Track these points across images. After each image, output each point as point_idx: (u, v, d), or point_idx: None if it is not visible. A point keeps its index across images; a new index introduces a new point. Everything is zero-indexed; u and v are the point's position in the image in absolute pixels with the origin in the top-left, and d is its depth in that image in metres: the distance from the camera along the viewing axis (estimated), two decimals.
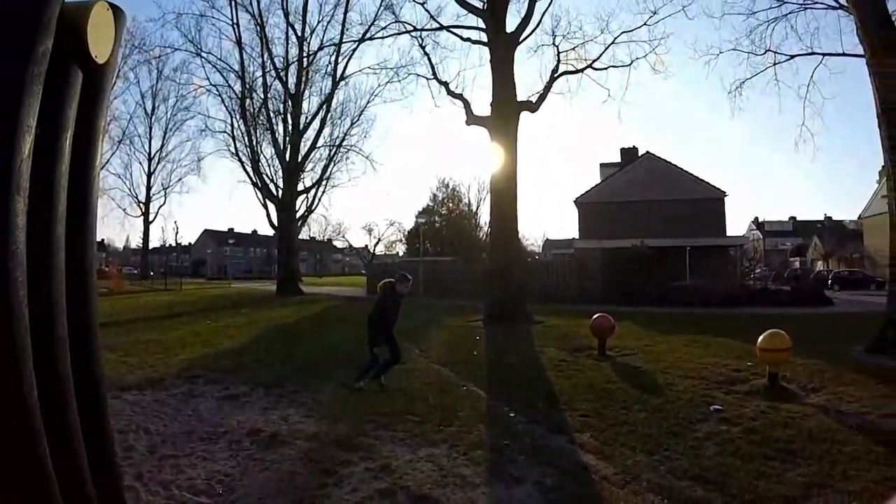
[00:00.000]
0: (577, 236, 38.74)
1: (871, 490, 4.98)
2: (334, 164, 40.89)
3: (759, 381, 8.74)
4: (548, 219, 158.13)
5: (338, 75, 36.55)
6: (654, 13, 21.42)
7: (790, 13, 23.39)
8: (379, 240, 66.65)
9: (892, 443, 6.28)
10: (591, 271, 27.36)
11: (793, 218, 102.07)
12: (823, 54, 23.32)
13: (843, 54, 22.06)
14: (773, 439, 6.31)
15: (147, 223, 66.13)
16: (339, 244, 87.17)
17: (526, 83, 71.81)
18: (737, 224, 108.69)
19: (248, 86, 37.31)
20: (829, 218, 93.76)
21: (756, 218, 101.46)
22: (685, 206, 34.32)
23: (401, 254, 53.06)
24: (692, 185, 35.79)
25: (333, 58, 36.31)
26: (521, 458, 5.69)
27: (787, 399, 8.03)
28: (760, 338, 8.56)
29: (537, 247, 78.81)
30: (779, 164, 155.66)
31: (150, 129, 61.48)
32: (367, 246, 70.84)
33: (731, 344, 11.94)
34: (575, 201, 37.91)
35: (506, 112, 17.65)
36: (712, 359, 10.75)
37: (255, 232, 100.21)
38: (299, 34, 36.78)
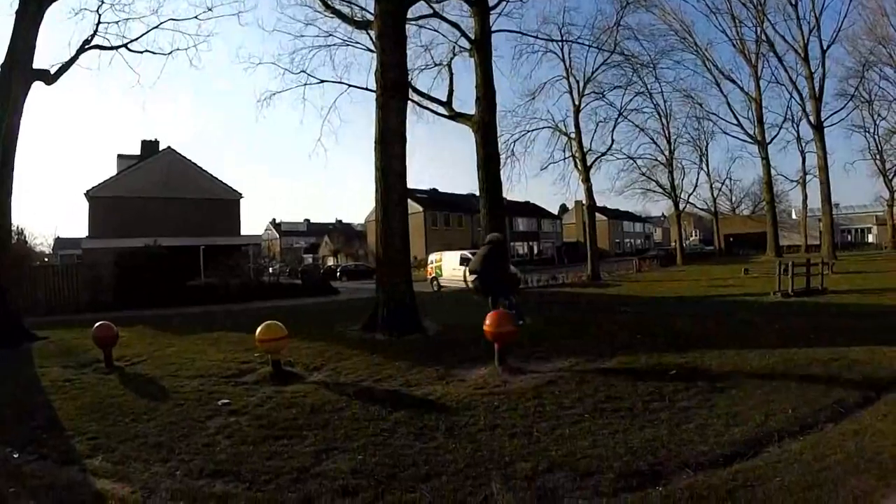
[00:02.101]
0: (87, 234, 34.88)
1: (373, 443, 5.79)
2: None
3: (266, 370, 9.23)
4: (61, 214, 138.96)
5: None
6: (210, 9, 21.00)
7: (333, 45, 26.16)
8: None
9: (383, 401, 7.45)
10: (103, 274, 24.92)
11: (307, 220, 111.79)
12: (350, 85, 26.84)
13: (366, 88, 25.64)
14: (281, 420, 6.77)
15: None
16: None
17: (50, 50, 62.29)
18: (257, 224, 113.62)
19: None
20: (340, 221, 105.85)
21: (274, 219, 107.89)
22: (202, 205, 34.37)
23: None
24: (210, 185, 36.01)
25: None
26: (31, 503, 4.91)
27: (292, 381, 8.70)
28: (258, 330, 8.97)
29: (48, 247, 68.19)
30: (298, 172, 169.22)
31: None
32: None
33: (242, 338, 12.27)
34: (86, 194, 33.90)
35: (16, 78, 14.89)
36: (223, 354, 10.96)
37: None
38: None
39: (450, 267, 30.14)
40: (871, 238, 71.32)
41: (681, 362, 9.02)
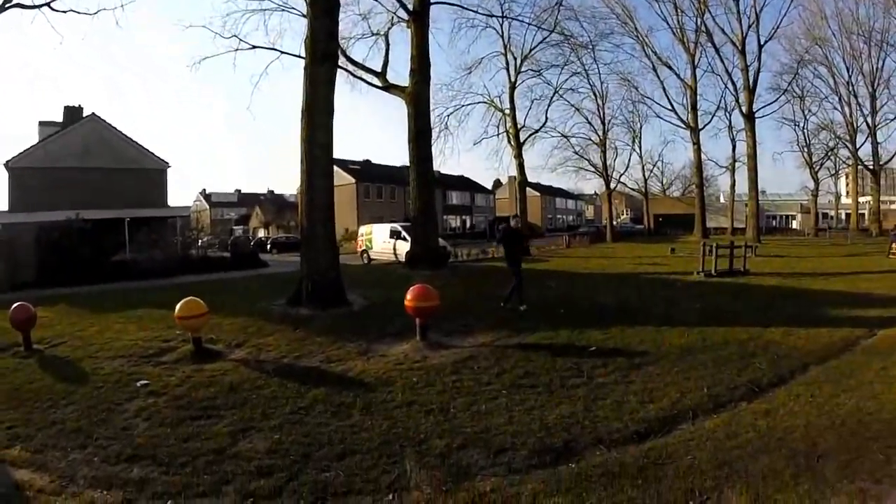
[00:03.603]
0: (5, 208, 31.37)
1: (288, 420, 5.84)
2: None
3: (187, 348, 9.05)
4: None
5: None
6: None
7: (267, 10, 25.27)
8: None
9: (302, 378, 7.45)
10: (23, 251, 23.36)
11: (238, 190, 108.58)
12: (282, 52, 25.79)
13: (299, 56, 24.67)
14: (198, 400, 6.70)
15: None
16: None
17: None
18: (186, 195, 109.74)
19: None
20: (272, 191, 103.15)
21: (204, 190, 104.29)
22: (127, 175, 32.49)
23: None
24: (136, 154, 33.97)
25: None
26: None
27: (213, 359, 8.61)
28: (177, 307, 8.74)
29: None
30: (229, 141, 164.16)
31: None
32: None
33: (164, 315, 11.72)
34: (6, 165, 31.29)
35: None
36: (144, 332, 10.64)
37: None
38: None
39: (380, 240, 29.75)
40: (795, 224, 74.71)
41: (601, 338, 9.31)
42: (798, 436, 5.19)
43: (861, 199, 64.06)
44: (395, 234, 28.72)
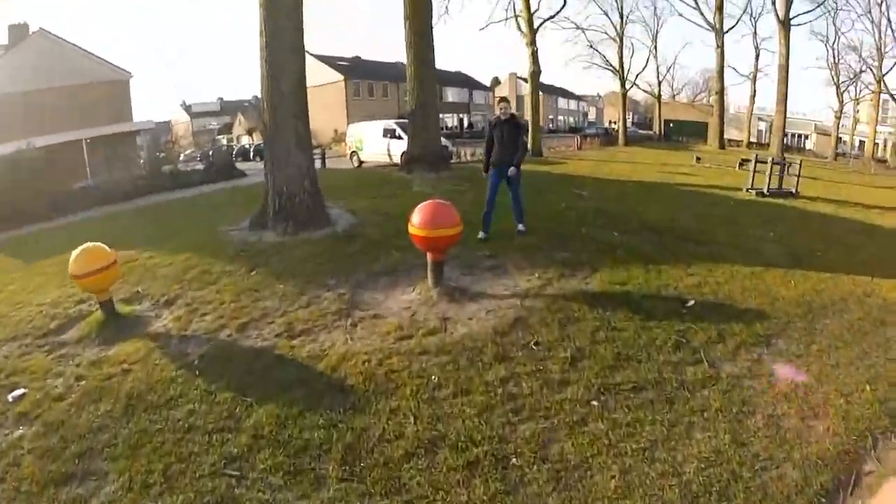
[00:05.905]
0: None
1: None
2: None
3: (98, 315, 6.20)
4: None
5: None
6: None
7: None
8: None
9: (240, 376, 4.74)
10: None
11: (220, 98, 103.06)
12: None
13: None
14: (78, 433, 4.11)
15: None
16: None
17: None
18: (165, 108, 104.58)
19: None
20: (256, 97, 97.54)
21: (183, 101, 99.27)
22: (84, 92, 28.49)
23: None
24: (93, 67, 30.02)
25: None
26: None
27: (126, 333, 5.80)
28: (72, 259, 5.88)
29: None
30: (207, 50, 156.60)
31: None
32: None
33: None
34: None
35: None
36: (60, 291, 7.47)
37: None
38: None
39: (372, 139, 26.24)
40: (809, 145, 71.55)
41: (691, 284, 6.58)
42: None
43: (879, 129, 60.93)
44: (389, 133, 25.26)
